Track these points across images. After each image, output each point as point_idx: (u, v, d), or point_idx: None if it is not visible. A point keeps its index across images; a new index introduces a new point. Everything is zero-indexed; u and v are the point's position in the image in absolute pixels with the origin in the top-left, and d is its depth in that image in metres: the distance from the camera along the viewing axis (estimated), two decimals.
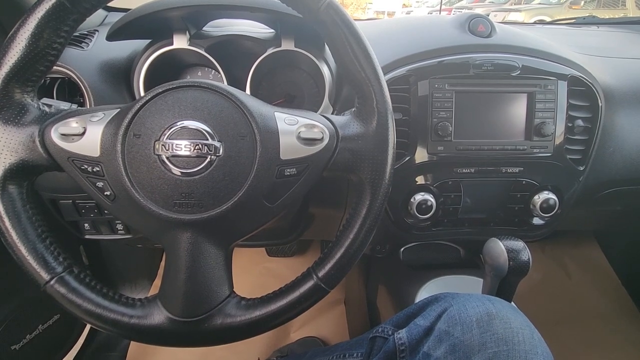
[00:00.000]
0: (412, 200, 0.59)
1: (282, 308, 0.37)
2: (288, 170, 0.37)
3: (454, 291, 0.63)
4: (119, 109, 0.37)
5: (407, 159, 0.58)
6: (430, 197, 0.59)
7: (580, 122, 0.59)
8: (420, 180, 0.59)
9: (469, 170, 0.59)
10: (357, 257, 0.38)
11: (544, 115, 0.58)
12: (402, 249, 0.80)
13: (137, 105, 0.35)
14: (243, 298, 0.39)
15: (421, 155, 0.58)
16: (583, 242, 1.28)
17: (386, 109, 0.38)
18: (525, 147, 0.59)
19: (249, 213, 0.36)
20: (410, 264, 0.77)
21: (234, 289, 0.39)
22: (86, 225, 0.64)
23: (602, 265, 1.23)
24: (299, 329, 1.14)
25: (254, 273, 1.27)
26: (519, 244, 0.50)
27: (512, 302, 0.63)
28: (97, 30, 0.62)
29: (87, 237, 0.65)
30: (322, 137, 0.38)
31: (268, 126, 0.36)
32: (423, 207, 0.59)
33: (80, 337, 0.95)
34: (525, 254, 0.50)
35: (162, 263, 1.22)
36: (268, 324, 0.37)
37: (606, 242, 1.24)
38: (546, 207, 0.60)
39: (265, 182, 0.36)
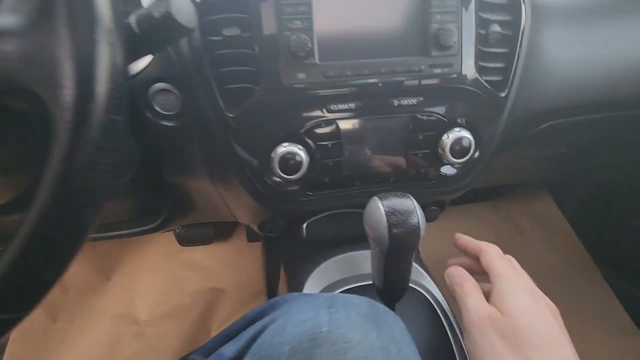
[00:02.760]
0: (272, 155, 0.42)
1: None
2: None
3: (355, 275, 0.48)
4: None
5: (256, 95, 0.40)
6: (298, 149, 0.42)
7: (496, 28, 0.43)
8: (280, 125, 0.42)
9: (347, 106, 0.42)
10: (52, 258, 0.21)
11: (443, 19, 0.40)
12: (305, 224, 0.64)
13: None
14: None
15: (275, 87, 0.40)
16: (535, 197, 1.16)
17: None
18: (423, 67, 0.42)
19: None
20: (314, 241, 0.61)
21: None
22: None
23: (556, 221, 1.13)
24: (221, 326, 0.98)
25: (170, 266, 1.08)
26: (404, 203, 0.34)
27: (428, 284, 0.48)
28: None
29: None
30: None
31: None
32: (291, 163, 0.42)
33: None
34: (414, 216, 0.34)
35: None
36: None
37: (559, 194, 1.12)
38: (459, 149, 0.44)
39: None
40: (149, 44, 0.33)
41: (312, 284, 0.50)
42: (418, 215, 0.34)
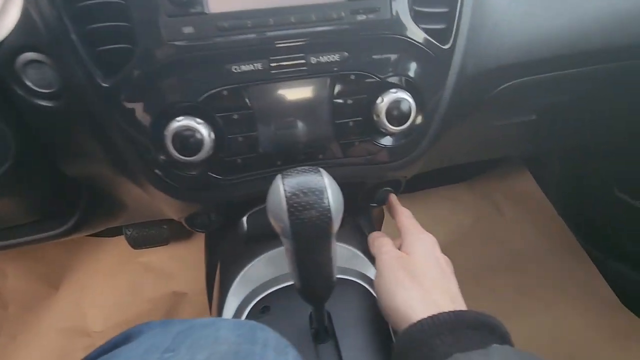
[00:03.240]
0: (165, 132, 0.34)
1: None
2: None
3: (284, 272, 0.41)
4: None
5: (135, 58, 0.32)
6: (196, 124, 0.34)
7: None
8: (172, 95, 0.34)
9: (252, 67, 0.34)
10: None
11: None
12: (245, 217, 0.56)
13: None
14: None
15: (157, 47, 0.32)
16: (513, 174, 1.10)
17: None
18: (343, 14, 0.34)
19: None
20: (255, 235, 0.54)
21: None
22: None
23: (536, 197, 1.06)
24: None
25: (126, 271, 1.00)
26: (310, 180, 0.27)
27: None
28: None
29: None
30: None
31: None
32: (190, 141, 0.34)
33: None
34: (324, 196, 0.26)
35: None
36: None
37: (538, 170, 1.06)
38: (397, 114, 0.37)
39: None
40: None
41: (241, 286, 0.43)
42: (329, 195, 0.26)
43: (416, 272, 0.36)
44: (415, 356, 0.29)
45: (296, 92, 0.36)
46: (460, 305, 0.35)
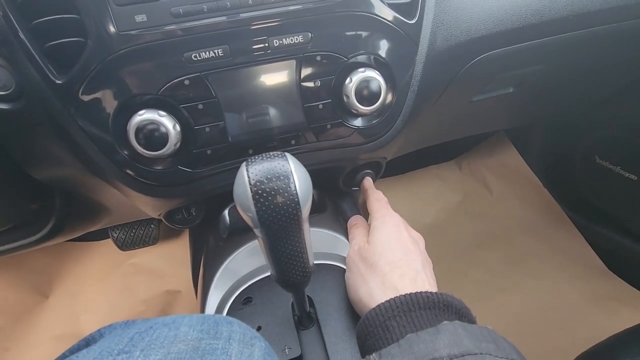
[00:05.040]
0: (127, 128, 0.33)
1: None
2: None
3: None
4: None
5: (88, 51, 0.31)
6: (158, 116, 0.32)
7: None
8: (130, 88, 0.32)
9: (212, 54, 0.33)
10: None
11: None
12: (227, 210, 0.56)
13: None
14: None
15: (109, 38, 0.31)
16: (498, 148, 1.10)
17: None
18: None
19: None
20: (238, 228, 0.53)
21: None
22: None
23: (521, 170, 1.07)
24: None
25: (118, 274, 0.99)
26: (275, 166, 0.26)
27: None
28: None
29: None
30: None
31: None
32: (155, 135, 0.33)
33: None
34: (290, 181, 0.26)
35: None
36: None
37: (522, 142, 1.06)
38: (367, 94, 0.36)
39: None
40: None
41: (222, 279, 0.42)
42: (295, 180, 0.26)
43: (374, 260, 0.36)
44: (373, 339, 0.30)
45: (261, 77, 0.34)
46: (422, 282, 0.34)
